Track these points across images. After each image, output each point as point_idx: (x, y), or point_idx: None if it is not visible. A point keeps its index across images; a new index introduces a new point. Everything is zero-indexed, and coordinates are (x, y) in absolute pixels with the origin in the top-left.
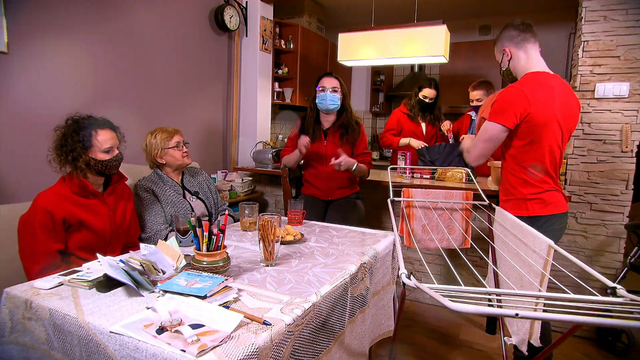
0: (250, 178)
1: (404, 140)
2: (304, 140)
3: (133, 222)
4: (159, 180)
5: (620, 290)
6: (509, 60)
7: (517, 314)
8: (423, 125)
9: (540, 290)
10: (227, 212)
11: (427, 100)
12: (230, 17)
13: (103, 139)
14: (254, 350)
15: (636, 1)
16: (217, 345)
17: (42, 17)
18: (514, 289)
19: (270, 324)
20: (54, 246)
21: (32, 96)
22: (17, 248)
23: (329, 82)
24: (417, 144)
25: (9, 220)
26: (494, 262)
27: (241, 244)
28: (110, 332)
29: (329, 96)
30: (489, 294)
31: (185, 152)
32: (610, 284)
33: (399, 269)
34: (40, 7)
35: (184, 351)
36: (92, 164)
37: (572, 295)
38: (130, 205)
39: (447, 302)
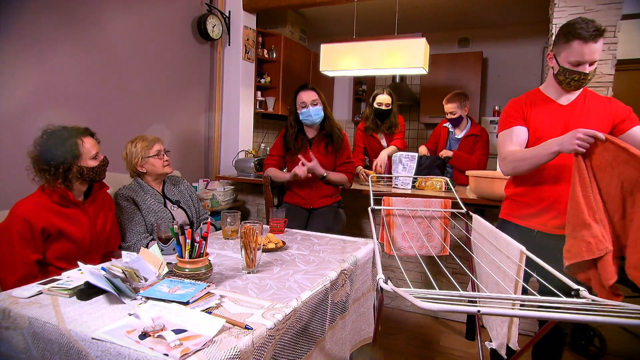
0: (232, 187)
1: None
2: (302, 171)
3: (113, 231)
4: (139, 189)
5: (583, 292)
6: None
7: (479, 311)
8: (383, 140)
9: (514, 294)
10: (209, 220)
11: (382, 107)
12: (213, 27)
13: (89, 146)
14: (236, 353)
15: (603, 20)
16: (200, 349)
17: (25, 28)
18: (487, 292)
19: (252, 329)
20: (32, 257)
21: (11, 105)
22: None
23: (307, 96)
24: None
25: None
26: (472, 269)
27: (223, 252)
28: (93, 338)
29: (312, 110)
30: (462, 297)
31: (166, 160)
32: (574, 286)
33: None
34: (23, 18)
35: (167, 355)
36: (85, 172)
37: (539, 297)
38: (112, 214)
39: (417, 301)
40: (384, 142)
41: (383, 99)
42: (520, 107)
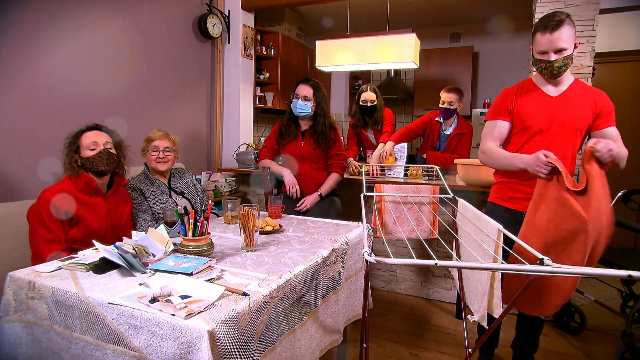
0: (234, 178)
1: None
2: (293, 187)
3: (128, 225)
4: (146, 180)
5: (547, 260)
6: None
7: (436, 264)
8: (370, 135)
9: None
10: (210, 203)
11: (368, 104)
12: (213, 25)
13: (87, 138)
14: (234, 315)
15: (581, 14)
16: (202, 311)
17: (26, 27)
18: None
19: (249, 295)
20: (63, 235)
21: (23, 101)
22: (6, 247)
23: (301, 90)
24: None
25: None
26: (457, 249)
27: (224, 234)
28: (109, 303)
29: (299, 104)
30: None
31: (161, 158)
32: (539, 255)
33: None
34: (30, 15)
35: (174, 315)
36: (81, 162)
37: (509, 265)
38: (128, 208)
39: (386, 259)
40: (371, 137)
41: (367, 96)
42: (508, 99)
